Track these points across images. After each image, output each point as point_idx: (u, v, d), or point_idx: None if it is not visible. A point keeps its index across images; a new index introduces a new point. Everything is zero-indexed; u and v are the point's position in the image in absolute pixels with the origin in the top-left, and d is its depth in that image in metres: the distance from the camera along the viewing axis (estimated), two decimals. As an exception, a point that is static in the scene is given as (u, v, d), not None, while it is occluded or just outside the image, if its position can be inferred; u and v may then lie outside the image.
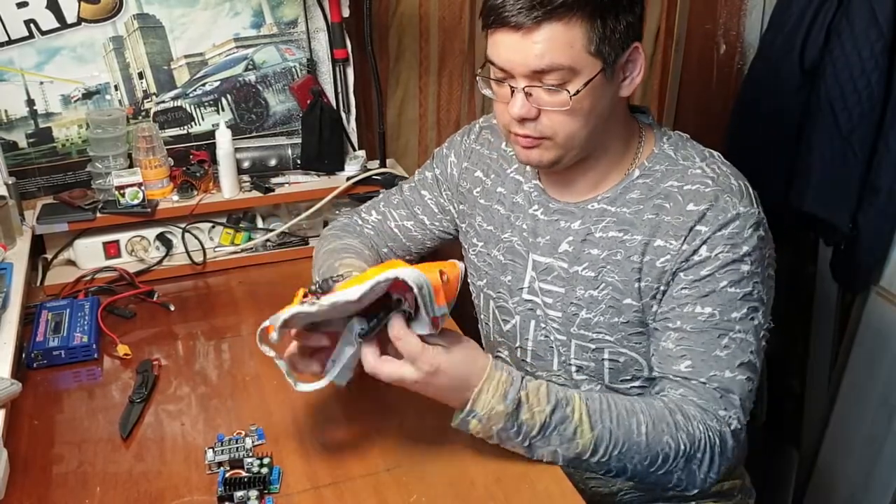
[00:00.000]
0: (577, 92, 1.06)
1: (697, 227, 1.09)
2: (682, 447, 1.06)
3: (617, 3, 1.05)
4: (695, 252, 1.09)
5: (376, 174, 1.68)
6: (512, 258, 1.26)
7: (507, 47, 1.06)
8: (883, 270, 1.76)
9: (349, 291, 0.98)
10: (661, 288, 1.12)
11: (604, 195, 1.18)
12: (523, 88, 1.08)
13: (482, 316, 1.38)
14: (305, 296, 1.04)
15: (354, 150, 1.76)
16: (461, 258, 1.40)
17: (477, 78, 1.16)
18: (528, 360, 1.29)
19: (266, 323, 1.03)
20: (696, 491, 1.11)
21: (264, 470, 1.05)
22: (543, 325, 1.25)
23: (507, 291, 1.28)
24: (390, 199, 1.46)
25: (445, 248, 1.52)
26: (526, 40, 1.04)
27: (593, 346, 1.20)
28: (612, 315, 1.17)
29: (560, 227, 1.21)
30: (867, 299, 1.82)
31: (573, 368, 1.24)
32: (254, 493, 1.01)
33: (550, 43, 1.04)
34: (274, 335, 1.01)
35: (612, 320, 1.17)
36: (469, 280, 1.39)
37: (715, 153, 1.19)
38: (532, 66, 1.05)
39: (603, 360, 1.20)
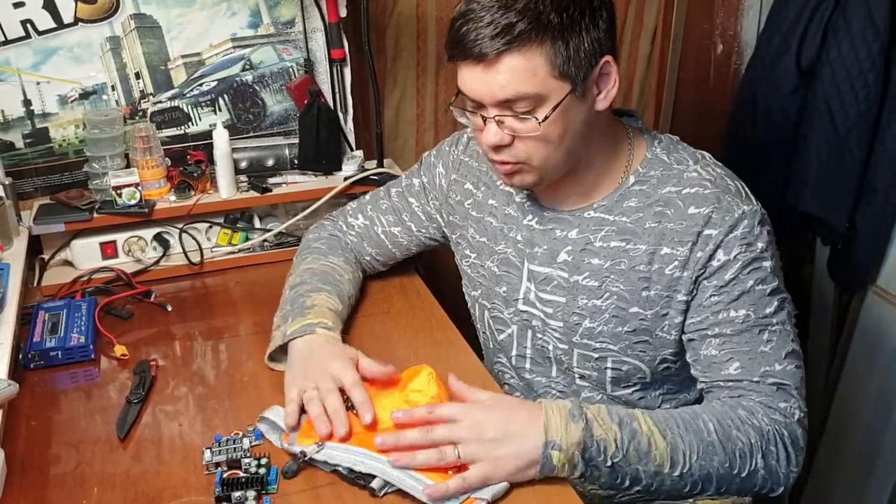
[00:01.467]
0: (546, 118, 1.06)
1: (706, 232, 1.09)
2: (753, 441, 1.05)
3: (576, 23, 1.03)
4: (711, 258, 1.09)
5: (374, 174, 1.68)
6: (507, 269, 1.26)
7: (472, 79, 1.07)
8: (880, 270, 1.76)
9: (358, 462, 1.04)
10: (680, 297, 1.11)
11: (599, 203, 1.17)
12: (494, 117, 1.08)
13: (478, 325, 1.37)
14: None
15: (352, 150, 1.75)
16: (455, 266, 1.40)
17: (451, 108, 1.16)
18: (527, 366, 1.29)
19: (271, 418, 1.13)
20: (781, 489, 1.10)
21: (262, 470, 1.05)
22: (541, 335, 1.24)
23: (503, 302, 1.28)
24: (378, 203, 1.45)
25: (437, 254, 1.52)
26: (489, 72, 1.04)
27: (596, 356, 1.20)
28: (617, 324, 1.16)
29: (556, 237, 1.20)
30: (864, 299, 1.82)
31: (575, 376, 1.24)
32: (251, 493, 1.01)
33: (512, 73, 1.03)
34: (294, 447, 1.08)
35: (616, 329, 1.16)
36: (464, 290, 1.39)
37: (706, 154, 1.19)
38: (498, 96, 1.05)
39: (606, 368, 1.20)
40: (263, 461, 1.06)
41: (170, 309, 1.47)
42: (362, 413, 1.09)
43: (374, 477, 1.03)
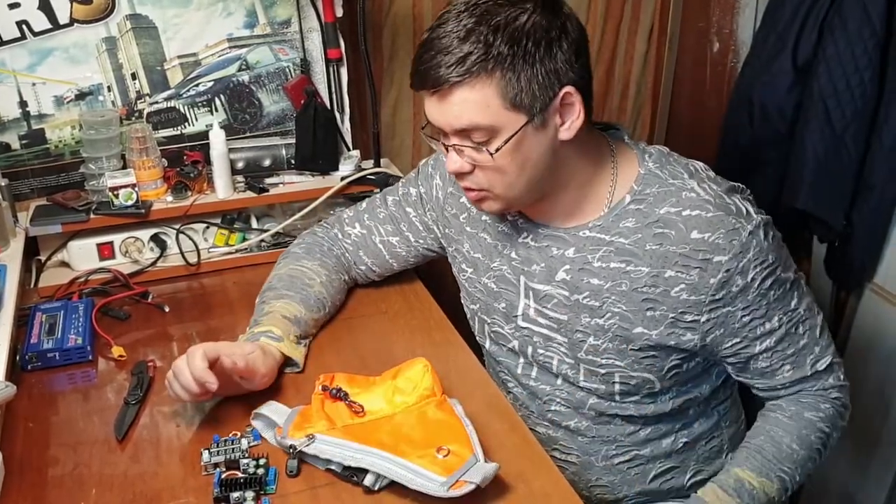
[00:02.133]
0: (498, 149, 1.06)
1: (716, 259, 1.08)
2: (828, 431, 1.20)
3: (529, 54, 1.02)
4: (727, 283, 1.09)
5: (370, 174, 1.68)
6: (504, 286, 1.26)
7: (431, 108, 1.08)
8: (877, 268, 1.76)
9: (348, 456, 1.04)
10: (689, 318, 1.12)
11: (595, 222, 1.16)
12: (454, 146, 1.09)
13: (479, 337, 1.37)
14: (325, 389, 1.15)
15: (349, 149, 1.75)
16: (452, 277, 1.39)
17: (422, 133, 1.18)
18: (533, 374, 1.29)
19: (268, 414, 1.13)
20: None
21: (260, 471, 1.05)
22: (543, 351, 1.24)
23: (503, 318, 1.27)
24: (376, 212, 1.44)
25: (436, 265, 1.51)
26: (444, 103, 1.05)
27: (603, 371, 1.19)
28: (621, 342, 1.16)
29: (553, 255, 1.19)
30: (861, 296, 1.82)
31: (580, 386, 1.23)
32: (250, 493, 1.01)
33: (464, 105, 1.04)
34: (286, 441, 1.08)
35: (622, 347, 1.16)
36: (462, 302, 1.38)
37: (699, 165, 1.17)
38: (454, 125, 1.07)
39: (614, 383, 1.20)
40: (262, 461, 1.06)
41: (167, 310, 1.47)
42: (199, 382, 1.11)
43: (366, 472, 1.03)
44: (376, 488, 1.03)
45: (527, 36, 1.02)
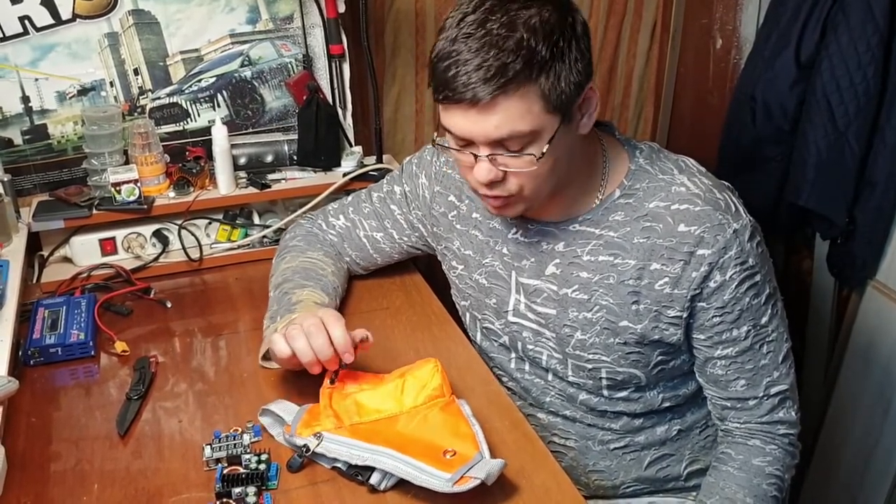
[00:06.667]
0: (543, 154, 1.04)
1: (699, 252, 1.08)
2: (780, 474, 1.18)
3: (565, 54, 1.01)
4: (706, 279, 1.09)
5: (373, 170, 1.68)
6: (495, 282, 1.26)
7: (464, 121, 1.03)
8: (879, 265, 1.76)
9: (356, 455, 1.04)
10: (671, 313, 1.12)
11: (585, 216, 1.16)
12: (487, 156, 1.05)
13: (471, 334, 1.37)
14: (332, 382, 1.15)
15: (351, 146, 1.75)
16: (440, 270, 1.39)
17: (436, 145, 1.15)
18: (526, 368, 1.29)
19: (278, 412, 1.13)
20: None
21: (262, 466, 1.05)
22: (532, 346, 1.24)
23: (493, 314, 1.27)
24: (360, 206, 1.44)
25: (435, 261, 1.51)
26: (483, 114, 1.01)
27: (590, 366, 1.20)
28: (608, 336, 1.16)
29: (543, 249, 1.19)
30: (863, 293, 1.82)
31: (570, 381, 1.24)
32: (252, 489, 1.01)
33: (508, 114, 1.00)
34: (295, 439, 1.08)
35: (608, 341, 1.16)
36: (453, 299, 1.38)
37: (688, 161, 1.18)
38: (492, 136, 1.02)
39: (600, 378, 1.20)
40: (263, 457, 1.06)
41: (169, 305, 1.47)
42: (341, 351, 1.11)
43: (372, 471, 1.03)
44: (382, 487, 1.03)
45: (561, 35, 1.00)
